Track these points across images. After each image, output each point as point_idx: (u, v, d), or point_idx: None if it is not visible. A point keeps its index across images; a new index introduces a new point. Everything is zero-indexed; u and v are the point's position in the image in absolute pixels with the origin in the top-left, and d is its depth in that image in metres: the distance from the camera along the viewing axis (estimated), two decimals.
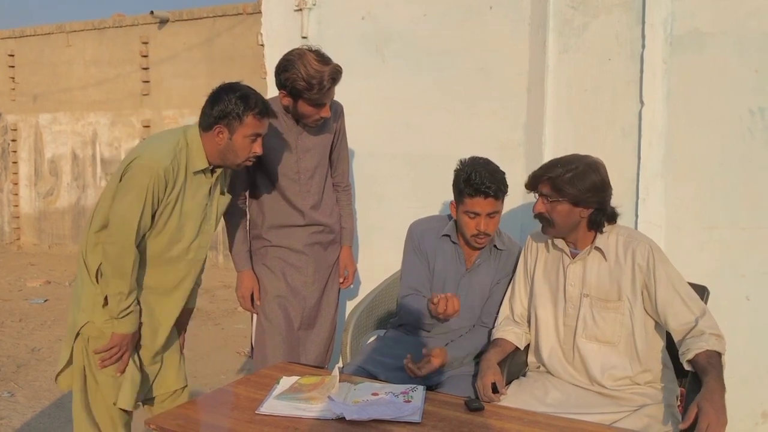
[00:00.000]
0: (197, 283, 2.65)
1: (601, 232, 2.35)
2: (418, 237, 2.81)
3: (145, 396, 2.53)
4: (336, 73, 2.68)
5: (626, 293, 2.31)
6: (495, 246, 2.73)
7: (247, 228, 3.01)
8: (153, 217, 2.35)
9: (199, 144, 2.40)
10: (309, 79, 2.63)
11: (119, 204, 2.32)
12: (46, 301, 6.96)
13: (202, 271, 2.62)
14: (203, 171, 2.43)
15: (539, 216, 2.38)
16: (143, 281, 2.42)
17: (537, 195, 2.38)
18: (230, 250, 2.99)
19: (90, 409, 2.45)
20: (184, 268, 2.49)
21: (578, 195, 2.27)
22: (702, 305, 2.27)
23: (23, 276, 8.37)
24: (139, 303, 2.40)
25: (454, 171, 2.67)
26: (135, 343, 2.43)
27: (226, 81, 2.48)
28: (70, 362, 2.46)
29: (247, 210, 3.02)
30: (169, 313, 2.53)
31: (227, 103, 2.36)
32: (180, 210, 2.39)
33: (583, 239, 2.38)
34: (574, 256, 2.40)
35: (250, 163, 2.49)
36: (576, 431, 1.95)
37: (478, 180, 2.53)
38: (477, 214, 2.58)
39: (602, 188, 2.30)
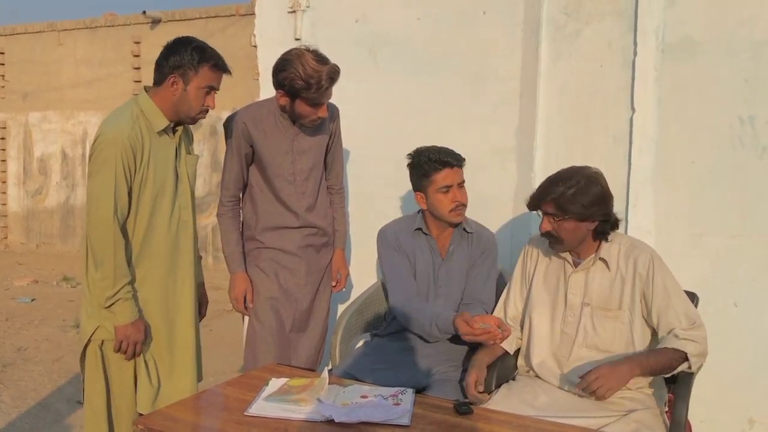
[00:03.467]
0: (197, 255, 2.64)
1: (607, 241, 2.36)
2: (394, 239, 2.80)
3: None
4: (334, 73, 2.68)
5: (626, 302, 2.32)
6: (464, 230, 2.78)
7: (241, 229, 3.00)
8: (130, 193, 2.35)
9: (153, 106, 2.40)
10: (307, 79, 2.63)
11: (92, 184, 2.32)
12: (33, 300, 6.92)
13: (196, 239, 2.61)
14: (165, 131, 2.43)
15: (546, 234, 2.37)
16: (143, 268, 2.42)
17: (540, 213, 2.37)
18: (223, 252, 2.97)
19: (111, 417, 2.45)
20: (175, 232, 2.49)
21: (583, 211, 2.26)
22: (694, 319, 2.27)
23: (10, 275, 8.31)
24: (134, 289, 2.39)
25: (409, 164, 2.76)
26: (144, 331, 2.42)
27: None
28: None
29: (241, 211, 3.01)
30: (187, 290, 2.53)
31: (183, 54, 2.36)
32: (154, 175, 2.39)
33: (587, 249, 2.39)
34: (576, 265, 2.41)
35: (203, 117, 2.48)
36: None
37: (436, 155, 2.68)
38: (449, 187, 2.67)
39: (605, 200, 2.30)
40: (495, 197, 3.37)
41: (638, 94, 3.03)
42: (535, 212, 2.42)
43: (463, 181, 2.72)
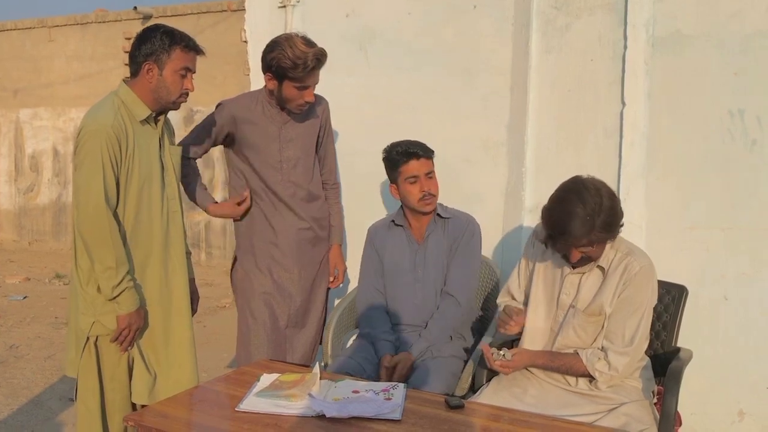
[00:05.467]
0: (187, 251, 2.64)
1: (612, 242, 2.31)
2: (372, 235, 2.98)
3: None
4: (321, 54, 2.72)
5: (607, 307, 2.30)
6: (439, 215, 2.86)
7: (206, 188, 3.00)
8: (117, 184, 2.34)
9: (133, 96, 2.40)
10: (294, 59, 2.67)
11: (79, 176, 2.31)
12: (25, 298, 6.89)
13: (184, 230, 2.61)
14: (148, 120, 2.43)
15: (578, 261, 2.28)
16: (134, 259, 2.41)
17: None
18: (193, 200, 2.93)
19: (105, 415, 2.44)
20: (165, 222, 2.49)
21: (611, 234, 2.21)
22: (634, 348, 2.26)
23: (2, 272, 8.27)
24: (134, 279, 2.39)
25: (383, 158, 2.89)
26: (143, 319, 2.42)
27: (210, 77, 2.47)
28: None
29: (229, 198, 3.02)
30: (179, 280, 2.53)
31: (153, 41, 2.37)
32: (139, 165, 2.39)
33: None
34: (575, 267, 2.36)
35: (184, 101, 2.48)
36: (555, 429, 1.96)
37: (404, 147, 2.82)
38: (416, 177, 2.79)
39: (620, 211, 2.24)
40: (486, 191, 3.38)
41: (628, 88, 3.03)
42: (526, 211, 2.40)
43: (432, 172, 2.82)
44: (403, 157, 2.80)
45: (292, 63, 2.67)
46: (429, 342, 2.70)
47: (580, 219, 2.13)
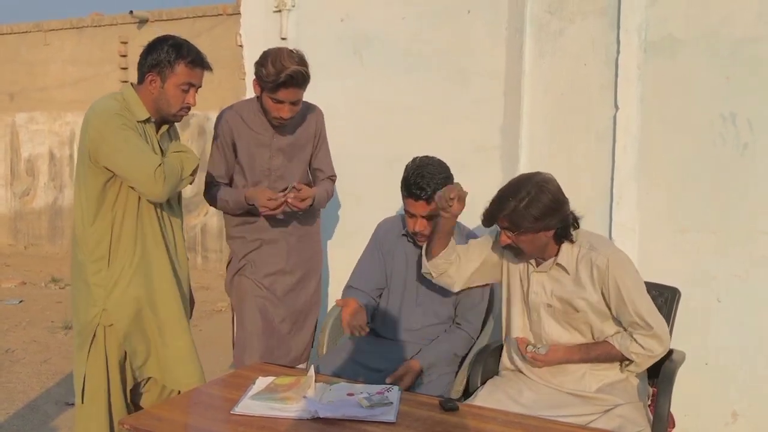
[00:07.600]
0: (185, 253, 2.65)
1: (572, 242, 2.34)
2: (381, 235, 2.85)
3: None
4: (296, 73, 2.68)
5: (585, 305, 2.31)
6: None
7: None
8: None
9: (136, 98, 2.39)
10: (269, 70, 2.68)
11: (119, 155, 2.28)
12: (21, 302, 6.88)
13: (183, 239, 2.62)
14: (147, 122, 2.41)
15: (507, 247, 2.36)
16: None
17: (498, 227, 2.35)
18: (229, 206, 2.91)
19: (111, 416, 2.44)
20: (167, 223, 2.50)
21: (536, 224, 2.23)
22: (650, 324, 2.26)
23: None
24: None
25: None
26: None
27: (206, 80, 2.47)
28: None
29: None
30: (183, 268, 2.55)
31: (160, 52, 2.36)
32: None
33: (551, 251, 2.36)
34: (538, 264, 2.40)
35: (185, 114, 2.46)
36: (549, 431, 1.98)
37: (413, 182, 2.54)
38: (413, 215, 2.60)
39: (558, 207, 2.26)
40: (479, 195, 3.36)
41: (621, 92, 3.06)
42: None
43: (428, 215, 2.57)
44: (406, 191, 2.58)
45: (266, 73, 2.69)
46: (435, 361, 2.62)
47: (506, 198, 2.26)
